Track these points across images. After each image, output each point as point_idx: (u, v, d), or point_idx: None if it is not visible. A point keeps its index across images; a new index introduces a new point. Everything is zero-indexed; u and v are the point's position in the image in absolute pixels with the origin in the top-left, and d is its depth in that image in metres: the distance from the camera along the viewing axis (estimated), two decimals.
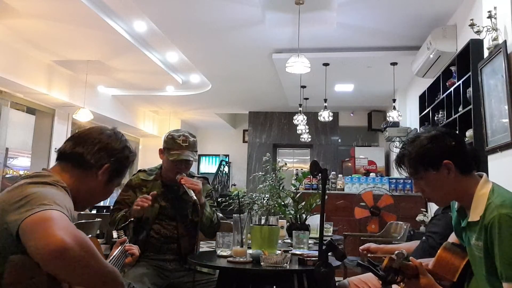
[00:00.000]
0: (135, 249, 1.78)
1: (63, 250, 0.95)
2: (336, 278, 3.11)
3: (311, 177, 6.02)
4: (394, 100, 6.53)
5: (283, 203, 2.94)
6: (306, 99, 8.06)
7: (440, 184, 1.45)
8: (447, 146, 1.46)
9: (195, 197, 2.22)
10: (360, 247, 2.49)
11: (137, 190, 2.38)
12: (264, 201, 2.88)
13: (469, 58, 3.72)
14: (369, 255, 2.42)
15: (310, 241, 2.50)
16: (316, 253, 1.58)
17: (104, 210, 7.76)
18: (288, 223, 3.03)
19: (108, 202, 9.91)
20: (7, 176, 7.67)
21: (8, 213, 1.06)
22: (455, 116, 4.10)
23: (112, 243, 1.85)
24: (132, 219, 2.14)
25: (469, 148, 1.53)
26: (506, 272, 1.26)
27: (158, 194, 2.33)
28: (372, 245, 2.51)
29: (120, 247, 1.74)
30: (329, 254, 1.43)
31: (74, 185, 1.30)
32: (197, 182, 2.31)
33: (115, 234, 1.88)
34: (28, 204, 1.06)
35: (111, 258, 1.61)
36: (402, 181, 6.11)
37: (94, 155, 1.35)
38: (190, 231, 2.37)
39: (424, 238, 2.38)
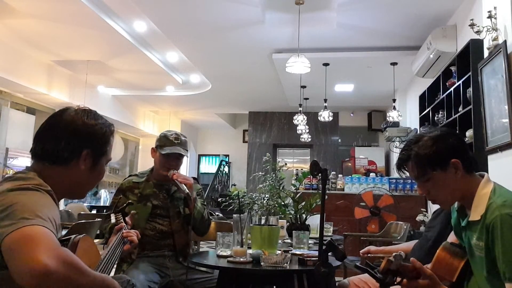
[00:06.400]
0: (134, 236, 1.73)
1: (47, 276, 0.90)
2: (336, 278, 3.11)
3: (311, 177, 6.02)
4: (394, 100, 6.53)
5: (283, 203, 2.94)
6: (306, 99, 8.06)
7: (448, 183, 1.44)
8: (453, 145, 1.46)
9: (187, 191, 2.28)
10: (361, 251, 2.50)
11: (128, 193, 2.43)
12: (264, 201, 2.88)
13: (469, 58, 3.72)
14: (369, 255, 2.42)
15: (310, 241, 2.50)
16: (316, 253, 1.58)
17: (104, 210, 7.78)
18: (288, 223, 3.03)
19: (108, 202, 9.94)
20: (7, 176, 7.65)
21: None
22: (455, 116, 4.10)
23: (111, 230, 1.81)
24: (130, 201, 2.14)
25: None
26: (509, 273, 1.26)
27: (150, 194, 2.43)
28: (372, 248, 2.52)
29: (118, 234, 1.69)
30: (329, 254, 1.43)
31: (60, 181, 1.23)
32: (189, 178, 2.39)
33: (113, 218, 1.86)
34: (9, 216, 1.00)
35: (108, 248, 1.57)
36: (402, 181, 6.10)
37: (67, 147, 1.24)
38: (184, 226, 2.43)
39: (423, 234, 2.39)
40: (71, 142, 1.25)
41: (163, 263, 2.32)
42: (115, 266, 1.58)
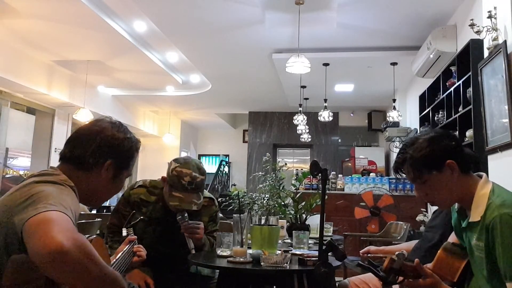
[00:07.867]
0: (143, 251, 1.79)
1: (61, 253, 0.94)
2: (336, 278, 3.11)
3: (311, 177, 6.02)
4: (394, 100, 6.53)
5: (283, 203, 2.94)
6: (306, 99, 8.06)
7: (444, 185, 1.45)
8: (448, 147, 1.47)
9: (193, 251, 2.14)
10: (360, 251, 2.50)
11: (135, 208, 2.27)
12: (264, 201, 2.88)
13: (469, 58, 3.72)
14: (368, 255, 2.42)
15: (310, 241, 2.50)
16: (316, 253, 1.58)
17: (104, 210, 7.75)
18: (288, 223, 3.04)
19: (109, 202, 9.92)
20: (7, 176, 7.66)
21: (15, 212, 1.07)
22: (455, 116, 4.09)
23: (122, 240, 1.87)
24: (142, 217, 2.14)
25: (468, 151, 1.54)
26: (510, 272, 1.26)
27: (158, 217, 2.27)
28: (372, 248, 2.52)
29: (128, 245, 1.74)
30: (329, 254, 1.44)
31: (81, 185, 1.29)
32: (199, 229, 2.20)
33: (124, 232, 1.91)
34: (33, 203, 1.06)
35: (118, 255, 1.61)
36: (402, 181, 6.11)
37: (93, 154, 1.33)
38: (187, 252, 2.30)
39: (423, 235, 2.38)
40: (98, 150, 1.34)
41: (159, 273, 2.26)
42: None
